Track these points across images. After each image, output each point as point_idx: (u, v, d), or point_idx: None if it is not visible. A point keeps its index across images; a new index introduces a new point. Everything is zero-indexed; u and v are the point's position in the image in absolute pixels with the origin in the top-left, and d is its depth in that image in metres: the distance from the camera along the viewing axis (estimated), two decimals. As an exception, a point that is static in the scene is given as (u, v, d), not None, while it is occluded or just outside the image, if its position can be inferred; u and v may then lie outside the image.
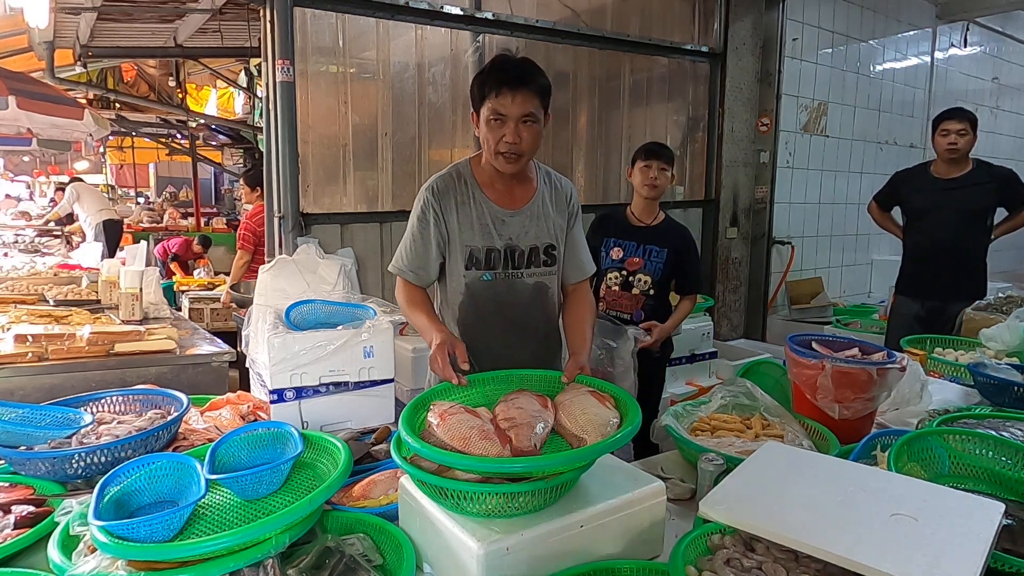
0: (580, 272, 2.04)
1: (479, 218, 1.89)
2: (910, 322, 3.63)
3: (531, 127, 1.78)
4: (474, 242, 1.89)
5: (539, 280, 1.95)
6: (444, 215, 1.90)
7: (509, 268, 1.92)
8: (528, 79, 1.76)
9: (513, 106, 1.74)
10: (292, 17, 3.60)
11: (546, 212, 1.94)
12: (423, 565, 1.28)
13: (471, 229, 1.90)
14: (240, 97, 9.83)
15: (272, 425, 1.68)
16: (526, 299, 1.95)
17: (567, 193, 2.01)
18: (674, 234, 2.98)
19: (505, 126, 1.76)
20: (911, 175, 3.78)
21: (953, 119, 3.51)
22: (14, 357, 2.59)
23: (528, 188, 1.95)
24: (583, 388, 1.49)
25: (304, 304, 2.34)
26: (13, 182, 15.41)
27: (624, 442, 1.28)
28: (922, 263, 3.69)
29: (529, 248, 1.92)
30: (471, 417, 1.36)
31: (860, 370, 1.75)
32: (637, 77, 5.24)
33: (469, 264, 1.90)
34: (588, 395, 1.44)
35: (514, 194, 1.93)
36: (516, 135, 1.76)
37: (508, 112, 1.75)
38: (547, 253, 1.95)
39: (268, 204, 3.85)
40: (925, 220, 3.66)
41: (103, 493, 1.31)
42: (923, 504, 1.14)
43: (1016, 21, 7.87)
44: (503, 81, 1.74)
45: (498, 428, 1.34)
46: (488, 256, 1.90)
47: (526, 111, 1.75)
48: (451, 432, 1.30)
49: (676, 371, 4.11)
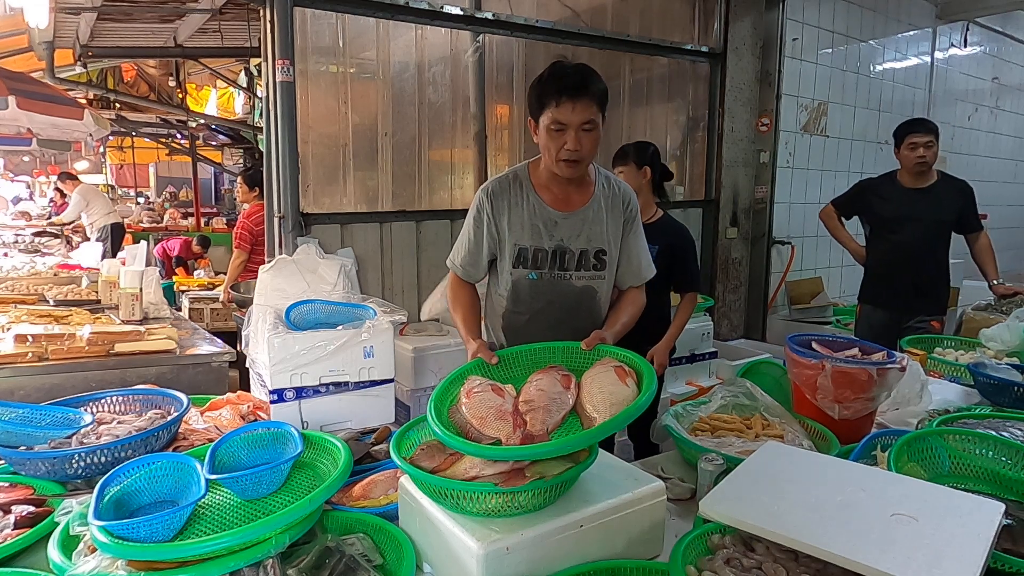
0: (635, 278, 2.04)
1: (531, 219, 1.92)
2: (877, 332, 3.59)
3: (591, 134, 1.81)
4: (523, 242, 1.93)
5: (587, 284, 1.96)
6: (496, 216, 1.94)
7: (556, 269, 1.94)
8: (588, 87, 1.78)
9: (574, 115, 1.77)
10: (292, 17, 3.60)
11: (600, 216, 1.95)
12: (423, 565, 1.28)
13: (521, 229, 1.93)
14: (240, 97, 9.83)
15: (272, 425, 1.68)
16: (572, 301, 1.96)
17: (626, 199, 2.01)
18: (669, 232, 2.98)
19: (566, 134, 1.79)
20: (878, 184, 3.71)
21: (919, 132, 3.45)
22: (14, 357, 2.59)
23: (585, 192, 1.96)
24: (611, 363, 1.50)
25: (304, 304, 2.34)
26: (13, 182, 15.41)
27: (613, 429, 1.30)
28: (889, 272, 3.63)
29: (579, 251, 1.94)
30: (494, 396, 1.42)
31: (860, 370, 1.75)
32: (637, 77, 5.24)
33: (517, 263, 1.94)
34: (612, 371, 1.45)
35: (570, 197, 1.95)
36: (577, 143, 1.79)
37: (569, 121, 1.77)
38: (597, 257, 1.95)
39: (268, 204, 3.84)
40: (893, 229, 3.59)
41: (103, 493, 1.31)
42: (923, 504, 1.14)
43: (1016, 21, 7.87)
44: (563, 90, 1.76)
45: (516, 410, 1.38)
46: (536, 256, 1.93)
47: (586, 119, 1.78)
48: (473, 410, 1.37)
49: (676, 371, 4.11)
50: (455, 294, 2.04)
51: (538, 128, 1.86)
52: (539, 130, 1.85)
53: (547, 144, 1.84)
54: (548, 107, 1.78)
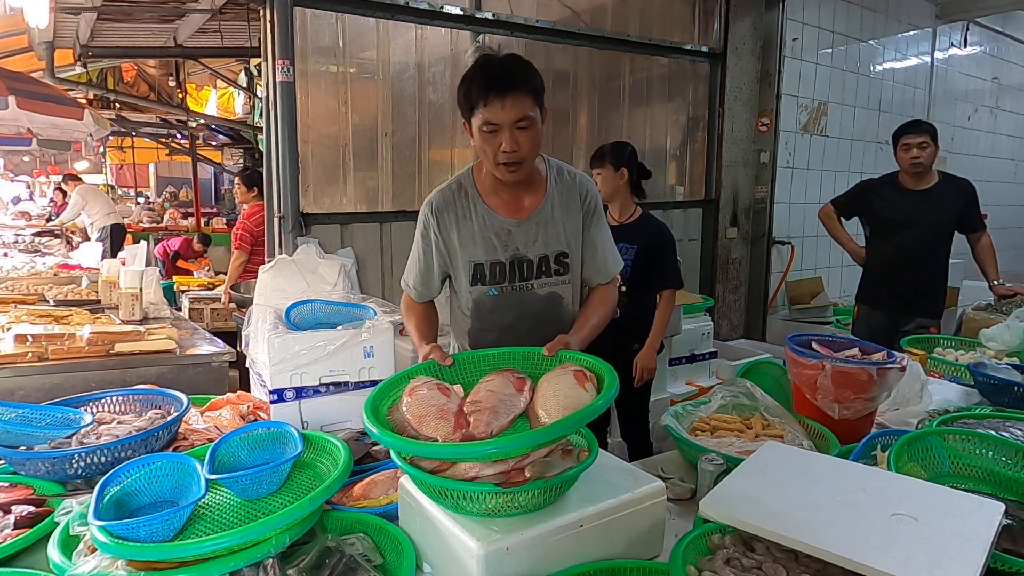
0: (601, 274, 1.90)
1: (482, 231, 1.79)
2: (876, 333, 3.58)
3: (528, 131, 1.64)
4: (478, 257, 1.80)
5: (552, 291, 1.84)
6: (443, 234, 1.82)
7: (517, 280, 1.82)
8: (517, 81, 1.61)
9: (504, 113, 1.61)
10: (292, 17, 3.60)
11: (556, 216, 1.81)
12: (423, 565, 1.28)
13: (474, 244, 1.80)
14: (240, 97, 9.83)
15: (272, 425, 1.68)
16: (537, 311, 1.84)
17: (582, 190, 1.85)
18: (648, 231, 2.99)
19: (500, 135, 1.64)
20: (878, 185, 3.70)
21: (912, 133, 3.46)
22: (14, 357, 2.59)
23: (537, 193, 1.82)
24: (571, 367, 1.40)
25: (304, 304, 2.34)
26: (13, 182, 15.42)
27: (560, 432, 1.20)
28: (888, 274, 3.62)
29: (538, 257, 1.81)
30: (438, 395, 1.35)
31: (860, 370, 1.75)
32: (637, 77, 5.24)
33: (474, 280, 1.82)
34: (570, 375, 1.35)
35: (520, 202, 1.81)
36: (513, 142, 1.64)
37: (501, 120, 1.62)
38: (558, 261, 1.82)
39: (268, 204, 3.85)
40: (893, 231, 3.58)
41: (103, 493, 1.31)
42: (923, 504, 1.14)
43: (1016, 21, 7.87)
44: (490, 87, 1.61)
45: (460, 411, 1.31)
46: (493, 270, 1.81)
47: (519, 115, 1.62)
48: (412, 408, 1.32)
49: (676, 371, 4.11)
50: (408, 309, 1.94)
51: (472, 130, 1.72)
52: (473, 132, 1.71)
53: (483, 147, 1.69)
54: (477, 107, 1.63)
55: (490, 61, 1.67)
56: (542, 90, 1.69)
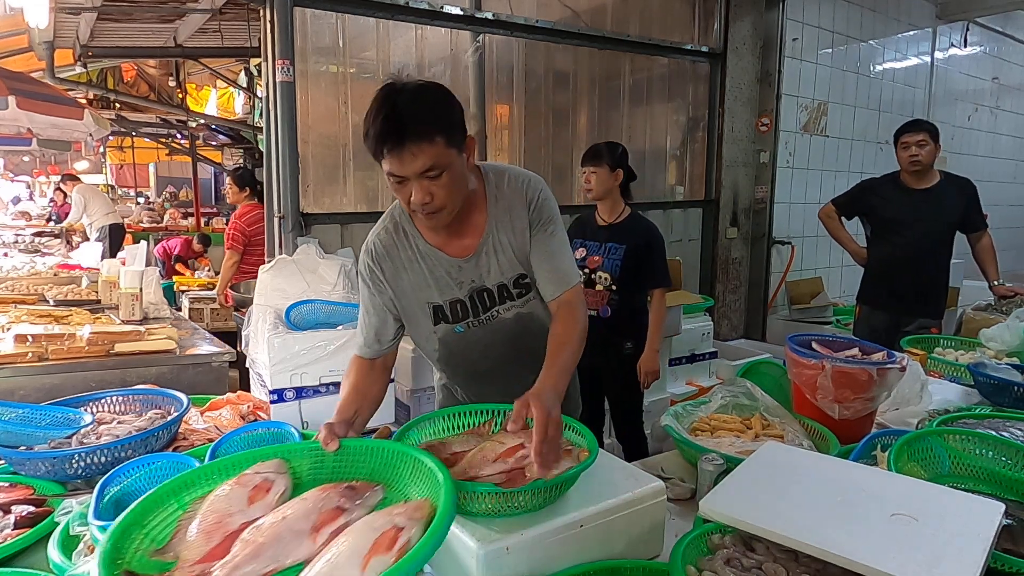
0: (557, 284, 1.62)
1: (432, 271, 1.61)
2: (877, 334, 3.58)
3: (440, 179, 1.41)
4: (433, 299, 1.64)
5: (518, 311, 1.68)
6: (392, 281, 1.63)
7: (481, 314, 1.66)
8: (415, 129, 1.36)
9: (404, 166, 1.38)
10: (292, 17, 3.60)
11: (504, 240, 1.60)
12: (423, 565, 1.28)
13: (428, 286, 1.63)
14: (240, 97, 9.83)
15: (272, 425, 1.68)
16: (510, 334, 1.69)
17: (530, 195, 1.61)
18: (637, 231, 3.01)
19: (407, 186, 1.42)
20: (879, 184, 3.70)
21: (911, 131, 3.46)
22: (14, 357, 2.59)
23: (476, 223, 1.60)
24: (395, 514, 0.99)
25: (304, 304, 2.35)
26: (13, 182, 15.43)
27: None
28: (889, 274, 3.62)
29: (497, 286, 1.64)
30: (237, 499, 1.04)
31: (860, 370, 1.75)
32: (637, 77, 5.24)
33: (436, 321, 1.66)
34: (374, 536, 0.94)
35: (463, 236, 1.61)
36: (424, 194, 1.41)
37: (403, 173, 1.39)
38: (518, 284, 1.65)
39: (268, 204, 3.85)
40: (895, 230, 3.58)
41: (103, 493, 1.32)
42: (923, 504, 1.14)
43: (1016, 21, 7.87)
44: (383, 139, 1.37)
45: (235, 533, 1.00)
46: (453, 308, 1.65)
47: (424, 166, 1.38)
48: (208, 506, 1.04)
49: (676, 371, 4.12)
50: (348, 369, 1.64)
51: None
52: None
53: (396, 195, 1.48)
54: (377, 157, 1.40)
55: (387, 101, 1.38)
56: (457, 121, 1.44)
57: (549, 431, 1.19)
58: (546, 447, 1.18)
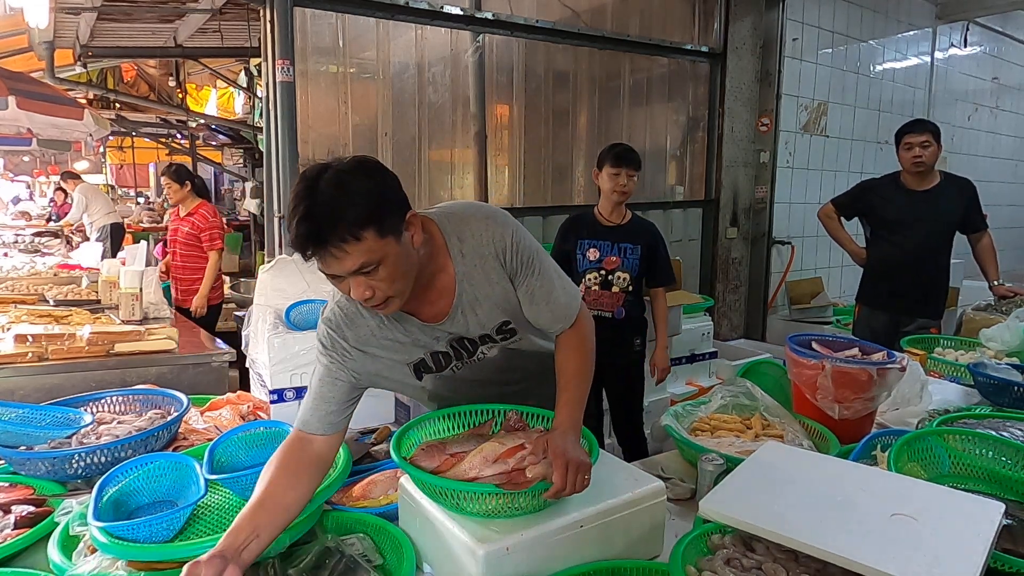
0: (564, 320, 1.52)
1: (407, 334, 1.46)
2: (877, 334, 3.57)
3: (377, 272, 1.24)
4: (414, 357, 1.50)
5: (504, 348, 1.56)
6: (363, 346, 1.44)
7: (465, 358, 1.54)
8: (332, 233, 1.18)
9: (332, 268, 1.23)
10: (292, 17, 3.60)
11: (479, 296, 1.45)
12: (423, 565, 1.28)
13: (405, 350, 1.48)
14: (240, 97, 9.82)
15: (270, 424, 1.68)
16: (499, 366, 1.58)
17: (498, 250, 1.43)
18: (644, 231, 3.07)
19: (344, 283, 1.26)
20: (880, 184, 3.68)
21: (914, 132, 3.44)
22: (14, 357, 2.59)
23: (445, 285, 1.44)
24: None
25: (304, 304, 2.35)
26: (13, 182, 15.43)
27: None
28: (889, 274, 3.61)
29: (479, 336, 1.51)
30: None
31: (860, 370, 1.75)
32: (637, 77, 5.24)
33: (419, 374, 1.54)
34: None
35: (433, 304, 1.45)
36: (363, 289, 1.25)
37: (333, 272, 1.24)
38: (501, 331, 1.52)
39: (268, 204, 3.85)
40: (895, 231, 3.56)
41: (101, 493, 1.32)
42: (923, 504, 1.14)
43: (1016, 21, 7.88)
44: (304, 245, 1.19)
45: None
46: (436, 359, 1.52)
47: (354, 266, 1.21)
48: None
49: (676, 371, 4.11)
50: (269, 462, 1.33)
51: None
52: None
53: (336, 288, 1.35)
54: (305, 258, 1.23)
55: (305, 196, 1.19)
56: (389, 204, 1.27)
57: (569, 479, 1.18)
58: (571, 488, 1.19)
